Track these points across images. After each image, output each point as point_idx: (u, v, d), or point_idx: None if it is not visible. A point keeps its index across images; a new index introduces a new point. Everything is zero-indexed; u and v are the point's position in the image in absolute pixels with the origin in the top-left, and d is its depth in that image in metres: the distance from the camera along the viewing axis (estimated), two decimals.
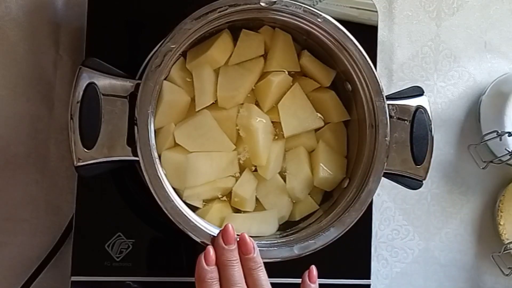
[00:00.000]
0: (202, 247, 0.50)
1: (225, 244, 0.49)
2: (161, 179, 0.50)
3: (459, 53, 0.73)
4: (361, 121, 0.57)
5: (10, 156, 0.58)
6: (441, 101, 0.72)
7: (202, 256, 0.49)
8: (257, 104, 0.57)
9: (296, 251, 0.53)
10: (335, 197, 0.57)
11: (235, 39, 0.57)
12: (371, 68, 0.55)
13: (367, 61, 0.55)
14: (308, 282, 0.52)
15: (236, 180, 0.56)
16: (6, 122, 0.58)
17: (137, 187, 0.55)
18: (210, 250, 0.49)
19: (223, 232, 0.49)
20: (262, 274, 0.49)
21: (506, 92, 0.69)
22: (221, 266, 0.48)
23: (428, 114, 0.57)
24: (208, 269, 0.48)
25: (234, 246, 0.49)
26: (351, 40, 0.55)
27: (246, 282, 0.49)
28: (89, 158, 0.48)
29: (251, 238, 0.50)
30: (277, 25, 0.57)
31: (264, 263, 0.50)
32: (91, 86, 0.49)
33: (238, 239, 0.50)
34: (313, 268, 0.52)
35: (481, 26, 0.74)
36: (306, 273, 0.52)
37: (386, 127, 0.55)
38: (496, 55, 0.74)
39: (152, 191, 0.49)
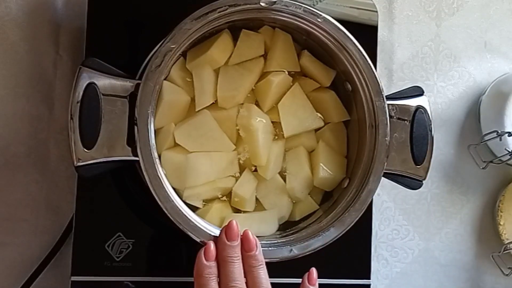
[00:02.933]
0: (202, 247, 0.50)
1: (228, 240, 0.49)
2: (161, 179, 0.50)
3: (459, 53, 0.73)
4: (361, 121, 0.57)
5: (10, 156, 0.58)
6: (441, 101, 0.72)
7: (202, 251, 0.49)
8: (257, 104, 0.57)
9: (296, 251, 0.53)
10: (335, 197, 0.57)
11: (235, 39, 0.57)
12: (371, 68, 0.55)
13: (367, 61, 0.55)
14: (308, 284, 0.52)
15: (236, 180, 0.56)
16: (6, 122, 0.58)
17: (137, 187, 0.55)
18: (211, 245, 0.49)
19: (227, 228, 0.49)
20: (262, 273, 0.49)
21: (506, 92, 0.69)
22: (222, 262, 0.48)
23: (428, 114, 0.57)
24: (207, 264, 0.48)
25: (236, 243, 0.49)
26: (351, 40, 0.55)
27: (246, 279, 0.49)
28: (89, 158, 0.48)
29: (254, 235, 0.50)
30: (277, 25, 0.57)
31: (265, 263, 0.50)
32: (91, 86, 0.49)
33: (241, 236, 0.50)
34: (313, 270, 0.52)
35: (481, 26, 0.74)
36: (306, 275, 0.52)
37: (386, 127, 0.55)
38: (496, 55, 0.74)
39: (152, 191, 0.49)
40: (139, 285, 0.56)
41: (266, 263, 0.50)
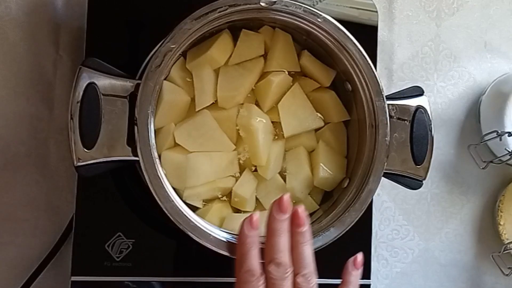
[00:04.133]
0: (202, 247, 0.50)
1: (279, 213, 0.49)
2: (161, 179, 0.50)
3: (459, 53, 0.73)
4: (361, 121, 0.57)
5: (10, 156, 0.58)
6: (441, 101, 0.72)
7: (246, 220, 0.49)
8: (257, 104, 0.57)
9: None
10: (335, 197, 0.57)
11: (235, 39, 0.57)
12: (371, 68, 0.55)
13: (367, 61, 0.55)
14: (353, 267, 0.52)
15: (236, 180, 0.56)
16: (6, 122, 0.58)
17: (137, 187, 0.55)
18: (254, 216, 0.49)
19: (279, 201, 0.49)
20: (308, 249, 0.49)
21: (506, 92, 0.69)
22: (270, 233, 0.49)
23: (428, 114, 0.57)
24: (249, 234, 0.48)
25: (286, 216, 0.49)
26: (351, 40, 0.55)
27: (291, 254, 0.49)
28: (89, 158, 0.48)
29: (305, 213, 0.50)
30: (277, 25, 0.57)
31: None
32: (91, 86, 0.49)
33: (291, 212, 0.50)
34: (360, 255, 0.52)
35: (481, 26, 0.74)
36: (352, 258, 0.52)
37: (386, 127, 0.55)
38: (496, 55, 0.74)
39: (152, 191, 0.49)
40: (139, 285, 0.56)
41: None
